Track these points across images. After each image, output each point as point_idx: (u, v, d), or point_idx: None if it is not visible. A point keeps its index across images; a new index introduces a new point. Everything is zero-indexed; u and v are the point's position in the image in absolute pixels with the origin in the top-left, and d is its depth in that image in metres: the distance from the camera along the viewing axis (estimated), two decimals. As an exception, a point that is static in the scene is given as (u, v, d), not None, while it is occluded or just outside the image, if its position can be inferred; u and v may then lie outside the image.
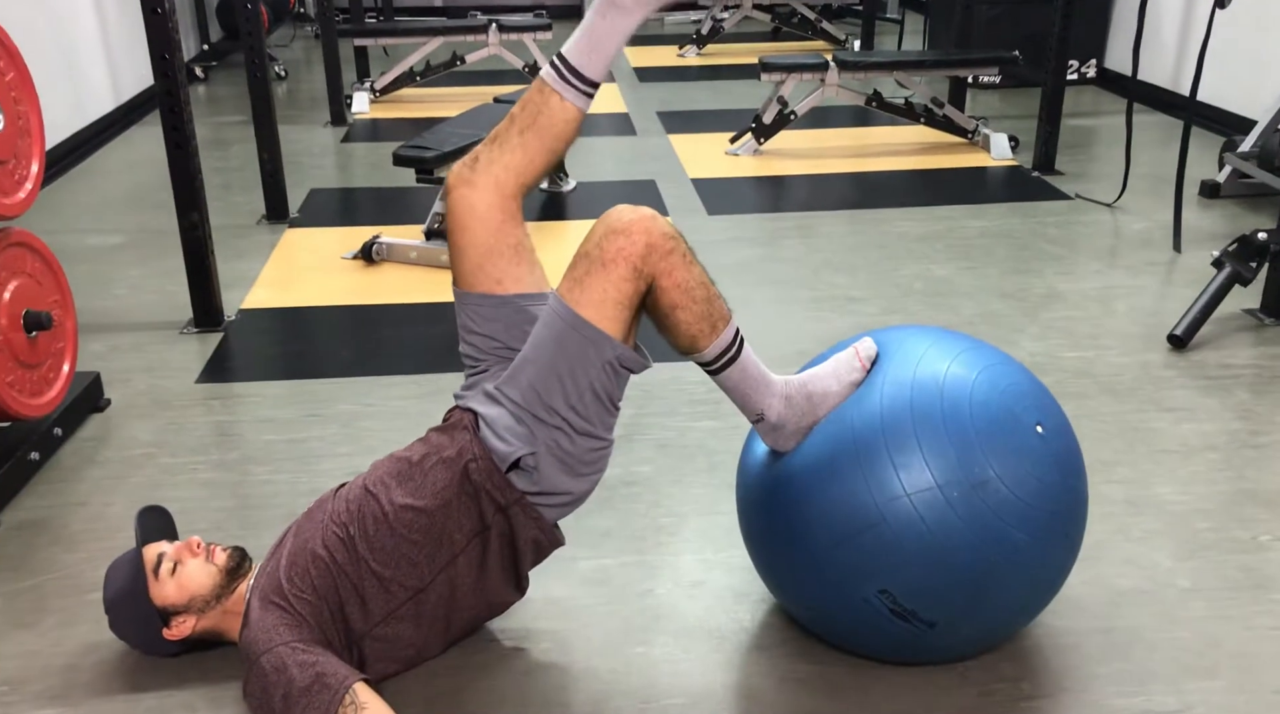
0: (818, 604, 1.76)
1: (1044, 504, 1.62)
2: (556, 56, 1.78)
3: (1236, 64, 4.83)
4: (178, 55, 2.88)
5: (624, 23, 1.75)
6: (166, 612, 1.74)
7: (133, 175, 4.68)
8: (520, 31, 5.91)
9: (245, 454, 2.50)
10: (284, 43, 7.64)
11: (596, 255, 1.62)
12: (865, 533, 1.61)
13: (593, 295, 1.61)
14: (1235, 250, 3.03)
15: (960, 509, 1.57)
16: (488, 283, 1.79)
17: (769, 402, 1.72)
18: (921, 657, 1.77)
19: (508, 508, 1.68)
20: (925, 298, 3.29)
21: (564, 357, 1.64)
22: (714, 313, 1.66)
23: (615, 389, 1.68)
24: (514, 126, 1.78)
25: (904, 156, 4.86)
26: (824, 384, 1.73)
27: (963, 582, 1.60)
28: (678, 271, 1.63)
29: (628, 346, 1.66)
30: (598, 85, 1.78)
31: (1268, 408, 2.62)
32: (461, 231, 1.79)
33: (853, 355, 1.75)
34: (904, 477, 1.59)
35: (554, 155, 1.81)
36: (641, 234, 1.61)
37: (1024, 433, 1.64)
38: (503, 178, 1.78)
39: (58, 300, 2.51)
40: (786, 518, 1.72)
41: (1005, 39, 5.60)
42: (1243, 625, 1.89)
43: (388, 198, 4.37)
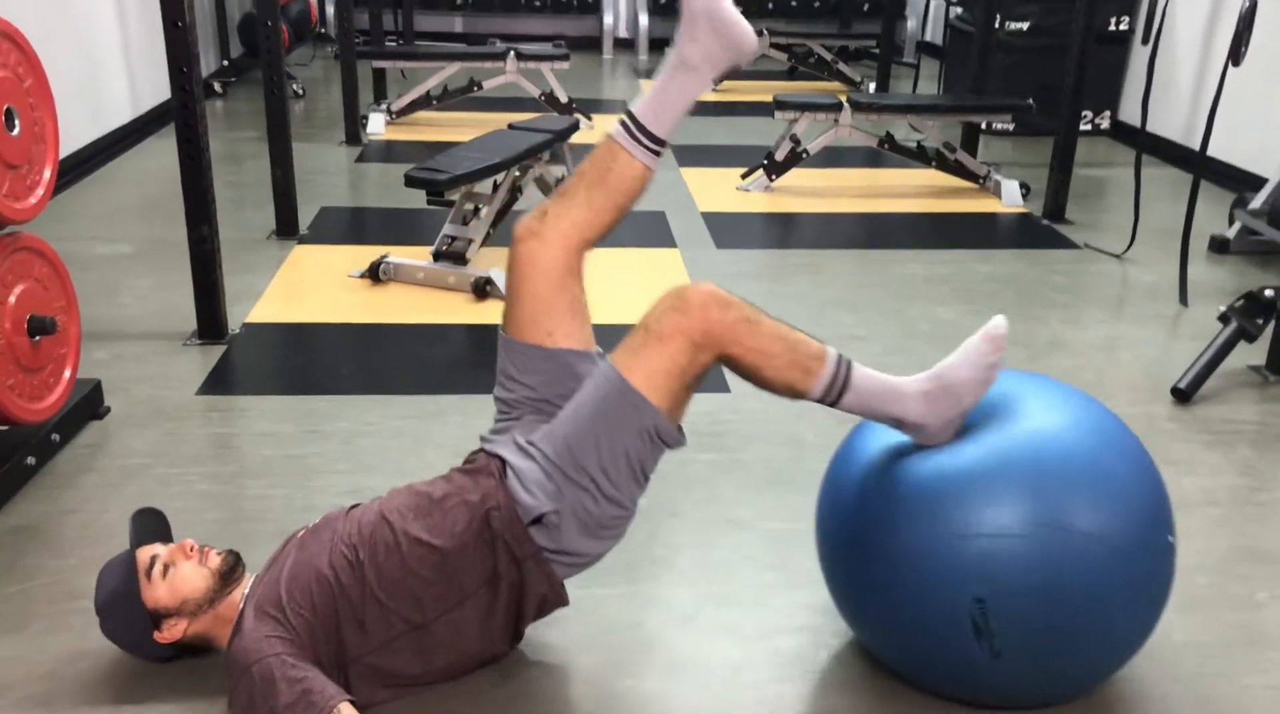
0: (900, 600, 1.69)
1: (1152, 601, 1.70)
2: (626, 114, 1.82)
3: (1249, 121, 4.85)
4: (196, 69, 2.91)
5: (694, 84, 1.80)
6: (158, 614, 1.73)
7: (146, 186, 4.71)
8: (538, 60, 5.96)
9: (242, 467, 2.49)
10: (304, 62, 7.70)
11: (655, 329, 1.65)
12: (994, 538, 1.60)
13: (645, 366, 1.64)
14: (1242, 306, 3.02)
15: (1093, 566, 1.60)
16: (538, 334, 1.81)
17: (903, 407, 1.71)
18: (961, 689, 1.74)
19: (523, 561, 1.69)
20: (930, 340, 3.29)
21: (605, 419, 1.65)
22: (801, 359, 1.67)
23: (648, 460, 1.70)
24: (582, 182, 1.82)
25: (914, 199, 4.88)
26: (962, 373, 1.71)
27: (1051, 628, 1.61)
28: (744, 338, 1.64)
29: (668, 420, 1.67)
30: (665, 144, 1.83)
31: (1270, 465, 2.61)
32: (523, 282, 1.81)
33: (984, 338, 1.72)
34: (1059, 508, 1.61)
35: (621, 212, 1.85)
36: (699, 310, 1.63)
37: (1162, 534, 1.69)
38: (570, 233, 1.81)
39: (63, 306, 2.52)
40: (911, 504, 1.67)
41: (1020, 87, 5.63)
42: (1237, 684, 1.87)
43: (398, 218, 4.39)
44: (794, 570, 2.14)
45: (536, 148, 3.89)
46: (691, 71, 1.79)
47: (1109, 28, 5.91)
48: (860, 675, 1.87)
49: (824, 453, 2.02)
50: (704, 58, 1.78)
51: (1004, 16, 5.87)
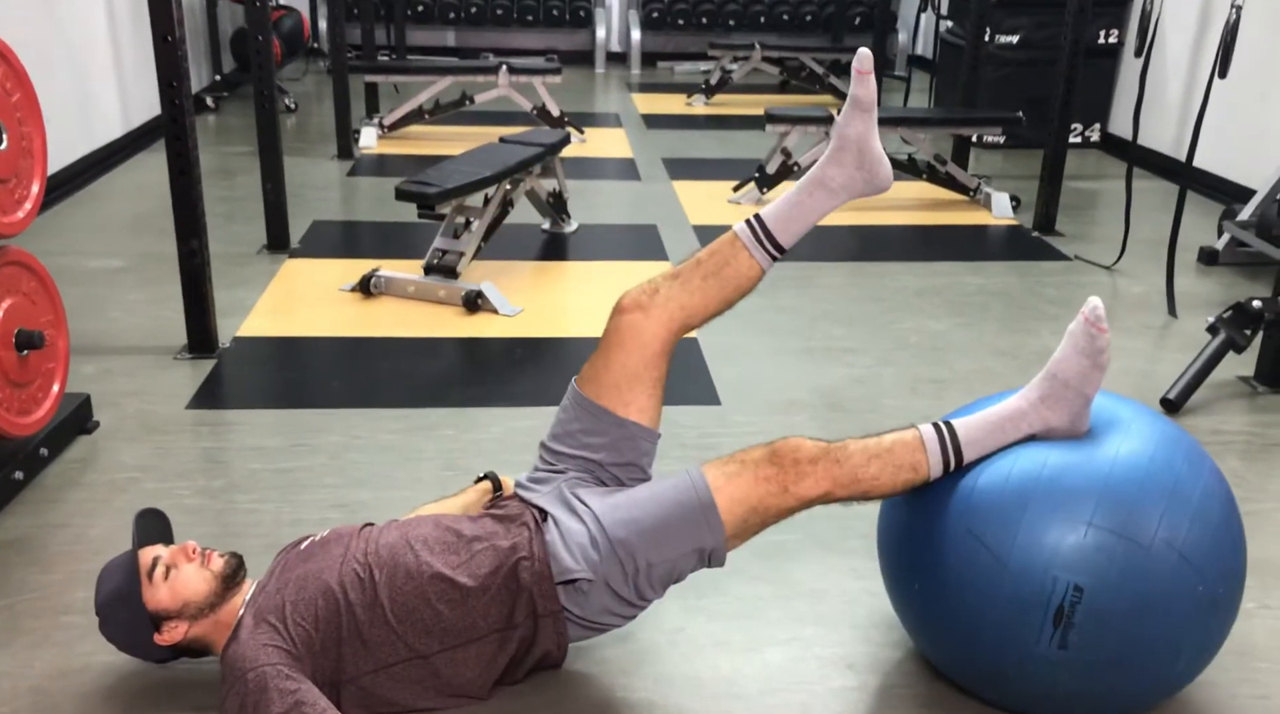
0: (997, 561, 1.65)
1: (1212, 650, 1.73)
2: (754, 217, 1.90)
3: (1237, 133, 4.88)
4: (185, 83, 2.91)
5: (827, 203, 1.90)
6: (159, 616, 1.72)
7: (137, 201, 4.71)
8: (530, 74, 5.98)
9: (231, 481, 2.48)
10: (296, 76, 7.72)
11: (750, 467, 1.69)
12: (1123, 539, 1.59)
13: (733, 490, 1.69)
14: (1230, 317, 3.03)
15: (1191, 603, 1.62)
16: (615, 401, 1.85)
17: (1027, 423, 1.72)
18: (1000, 679, 1.71)
19: (541, 617, 1.70)
20: (920, 352, 3.30)
21: (675, 522, 1.69)
22: (901, 461, 1.71)
23: (687, 572, 1.74)
24: (699, 270, 1.87)
25: (905, 212, 4.89)
26: (1074, 365, 1.71)
27: (1129, 647, 1.61)
28: (842, 477, 1.69)
29: (727, 548, 1.71)
30: (785, 252, 1.90)
31: (1259, 476, 2.61)
32: (619, 349, 1.85)
33: (1083, 323, 1.72)
34: (1171, 528, 1.61)
35: (726, 306, 1.91)
36: (791, 466, 1.68)
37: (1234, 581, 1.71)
38: (676, 315, 1.86)
39: (51, 320, 2.51)
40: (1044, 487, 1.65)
41: (1010, 100, 5.65)
42: (1226, 693, 1.86)
43: (389, 232, 4.40)
44: (783, 583, 2.14)
45: (528, 161, 3.90)
46: (829, 193, 1.89)
47: (1098, 41, 5.94)
48: (848, 687, 1.86)
49: (813, 464, 2.02)
50: (844, 184, 1.89)
51: (994, 30, 5.90)
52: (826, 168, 1.90)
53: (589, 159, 5.66)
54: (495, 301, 3.52)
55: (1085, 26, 4.36)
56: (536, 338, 3.36)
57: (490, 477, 2.03)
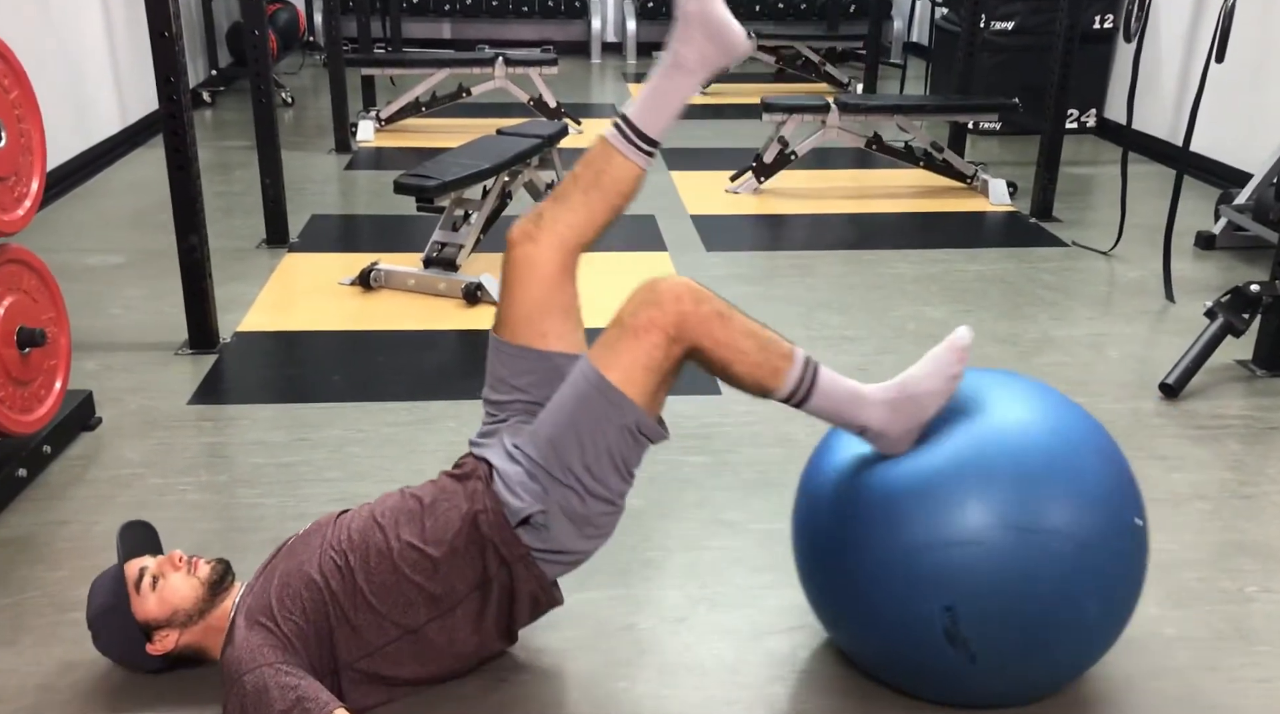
0: (871, 610, 1.71)
1: (1125, 589, 1.69)
2: (619, 116, 1.84)
3: (1233, 117, 4.87)
4: (183, 79, 2.91)
5: (686, 84, 1.83)
6: (149, 626, 1.73)
7: (135, 197, 4.70)
8: (526, 66, 5.97)
9: (234, 476, 2.49)
10: (292, 70, 7.70)
11: (629, 323, 1.64)
12: (958, 547, 1.60)
13: (621, 360, 1.64)
14: (1228, 301, 3.04)
15: (1055, 563, 1.60)
16: (532, 336, 1.81)
17: (868, 413, 1.71)
18: (941, 692, 1.75)
19: (512, 563, 1.69)
20: (919, 339, 3.30)
21: (585, 418, 1.65)
22: (771, 357, 1.67)
23: (632, 456, 1.70)
24: (577, 185, 1.83)
25: (902, 199, 4.89)
26: (927, 383, 1.72)
27: (1023, 630, 1.62)
28: (717, 331, 1.64)
29: (649, 415, 1.67)
30: (658, 144, 1.84)
31: (1258, 459, 2.62)
32: (518, 285, 1.82)
33: (949, 349, 1.73)
34: (1019, 509, 1.61)
35: (616, 213, 1.86)
36: (673, 304, 1.63)
37: (1128, 522, 1.69)
38: (565, 235, 1.82)
39: (52, 317, 2.52)
40: (876, 514, 1.68)
41: (1006, 86, 5.65)
42: (1228, 677, 1.88)
43: (388, 225, 4.40)
44: (786, 571, 2.14)
45: (525, 153, 3.90)
46: (685, 73, 1.81)
47: (1093, 26, 5.94)
48: (854, 675, 1.87)
49: (814, 453, 2.03)
50: (698, 60, 1.81)
51: (989, 16, 5.89)
52: (678, 48, 1.81)
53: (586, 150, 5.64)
54: (495, 293, 3.52)
55: (1081, 12, 4.35)
56: (536, 330, 3.36)
57: None
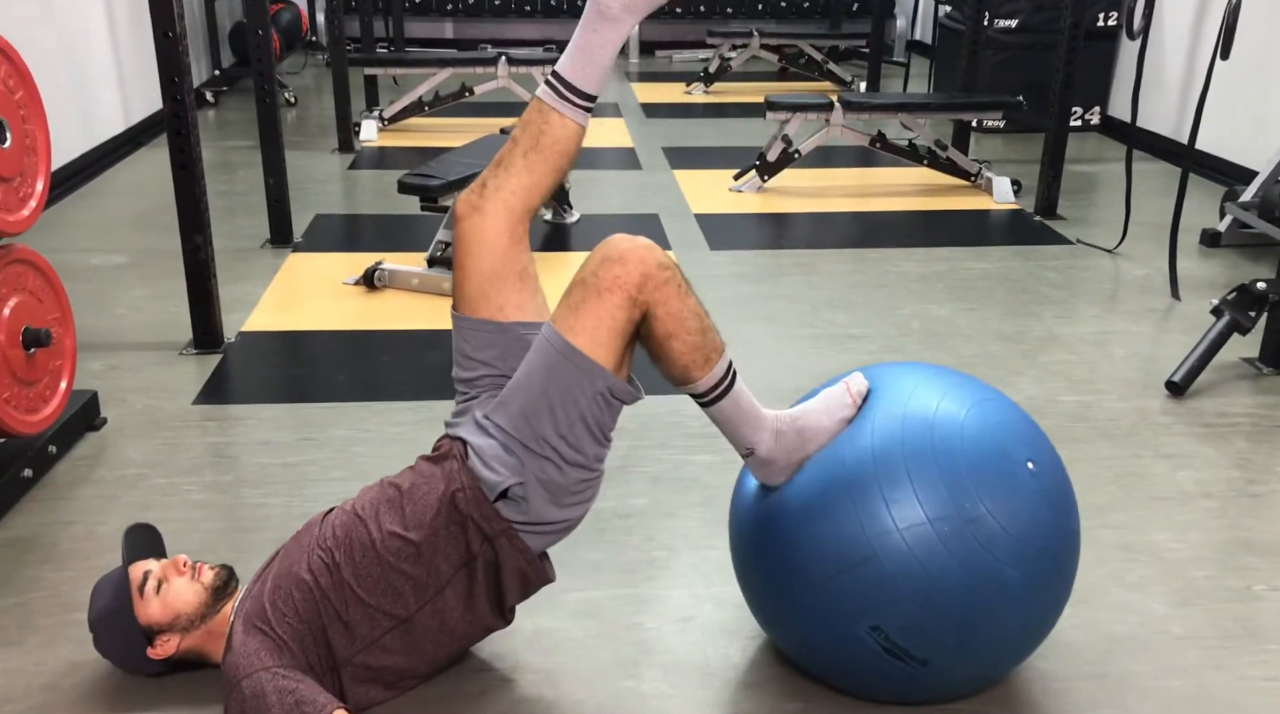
0: (810, 641, 1.75)
1: (1036, 540, 1.61)
2: (551, 74, 1.80)
3: (1238, 114, 4.86)
4: (187, 79, 2.91)
5: (613, 33, 1.77)
6: (151, 630, 1.73)
7: (140, 197, 4.71)
8: (529, 65, 5.96)
9: (239, 476, 2.49)
10: (295, 70, 7.70)
11: (592, 283, 1.62)
12: (857, 568, 1.60)
13: (586, 323, 1.61)
14: (1234, 299, 3.03)
15: (952, 545, 1.57)
16: (489, 308, 1.79)
17: (760, 436, 1.72)
18: (915, 697, 1.75)
19: (494, 538, 1.67)
20: (924, 338, 3.30)
21: (555, 385, 1.63)
22: (708, 345, 1.66)
23: (606, 420, 1.67)
24: (517, 149, 1.79)
25: (906, 197, 4.88)
26: (815, 419, 1.73)
27: (955, 619, 1.60)
28: (672, 301, 1.62)
29: (620, 377, 1.65)
30: (595, 99, 1.79)
31: (1265, 457, 2.62)
32: (468, 257, 1.79)
33: (844, 391, 1.75)
34: (895, 511, 1.59)
35: (560, 173, 1.82)
36: (637, 263, 1.61)
37: (1015, 469, 1.64)
38: (511, 202, 1.78)
39: (58, 318, 2.52)
40: (779, 552, 1.71)
41: (1010, 84, 5.64)
42: (1236, 676, 1.87)
43: (392, 225, 4.40)
44: (792, 570, 2.15)
45: (529, 152, 3.89)
46: (611, 21, 1.77)
47: (1097, 23, 5.92)
48: (860, 674, 1.87)
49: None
50: (622, 6, 1.76)
51: (992, 14, 5.88)
52: None
53: (589, 149, 5.63)
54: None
55: (1085, 10, 4.34)
56: (540, 329, 3.36)
57: None
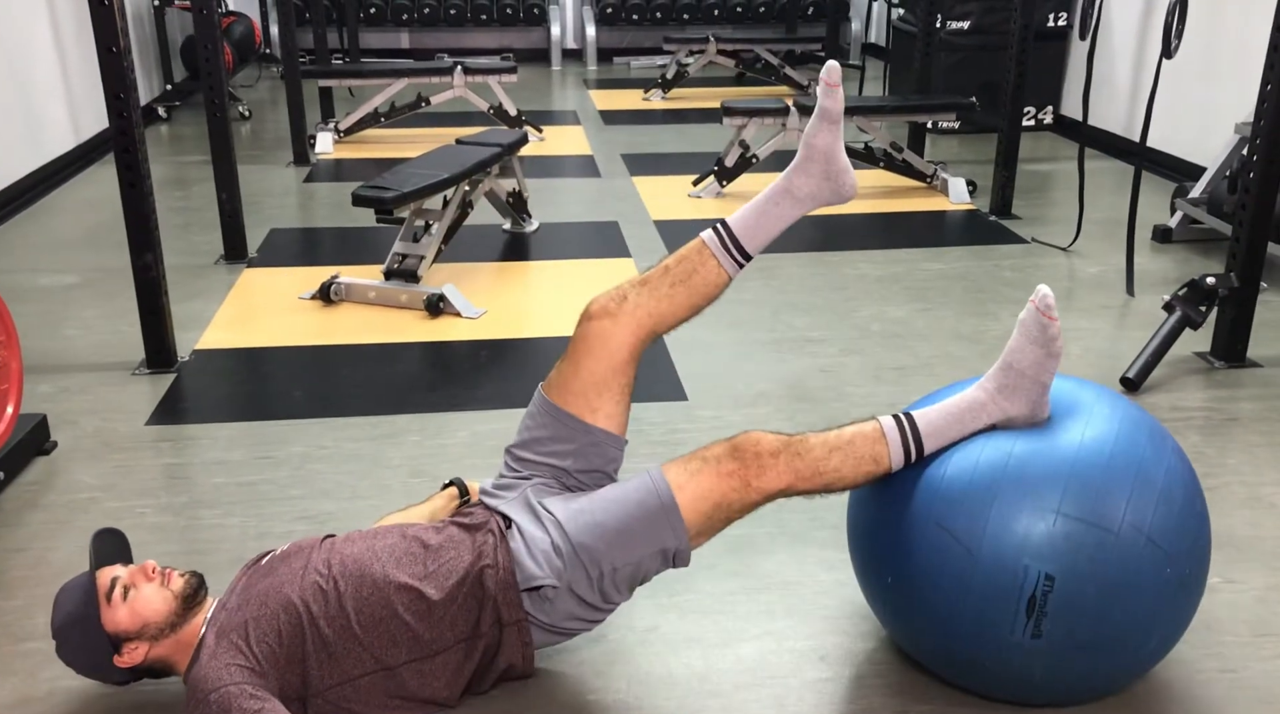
0: (968, 551, 1.65)
1: (1179, 633, 1.76)
2: (721, 224, 1.91)
3: (1186, 112, 4.94)
4: (133, 94, 2.87)
5: (793, 211, 1.94)
6: (118, 638, 1.69)
7: (90, 215, 4.64)
8: (485, 74, 5.95)
9: (194, 497, 2.45)
10: (249, 83, 7.63)
11: (712, 464, 1.70)
12: (1093, 527, 1.61)
13: (695, 489, 1.69)
14: (1185, 294, 3.07)
15: (1162, 589, 1.64)
16: (582, 408, 1.85)
17: (987, 415, 1.73)
18: (973, 657, 1.70)
19: (506, 625, 1.69)
20: (883, 339, 3.31)
21: (637, 525, 1.69)
22: (862, 452, 1.72)
23: (651, 573, 1.74)
24: (667, 277, 1.89)
25: (863, 200, 4.91)
26: (1029, 354, 1.71)
27: (1101, 633, 1.62)
28: (803, 470, 1.69)
29: (690, 547, 1.72)
30: (751, 259, 1.93)
31: (1218, 451, 2.65)
32: (588, 355, 1.85)
33: (1035, 313, 1.72)
34: (1159, 527, 1.63)
35: (694, 311, 1.92)
36: (754, 459, 1.68)
37: (1202, 569, 1.74)
38: (644, 322, 1.86)
39: (2, 341, 2.47)
40: (1009, 478, 1.66)
41: (963, 85, 5.70)
42: (1193, 668, 1.89)
43: (348, 238, 4.36)
44: (754, 576, 2.15)
45: (486, 162, 3.88)
46: (795, 202, 1.93)
47: (1048, 24, 6.00)
48: (824, 678, 1.87)
49: (779, 458, 2.02)
50: (811, 193, 1.93)
51: (945, 16, 5.94)
52: (794, 178, 1.93)
53: (548, 157, 5.64)
54: (458, 304, 3.51)
55: (1035, 11, 4.39)
56: (501, 340, 3.35)
57: (456, 483, 2.02)
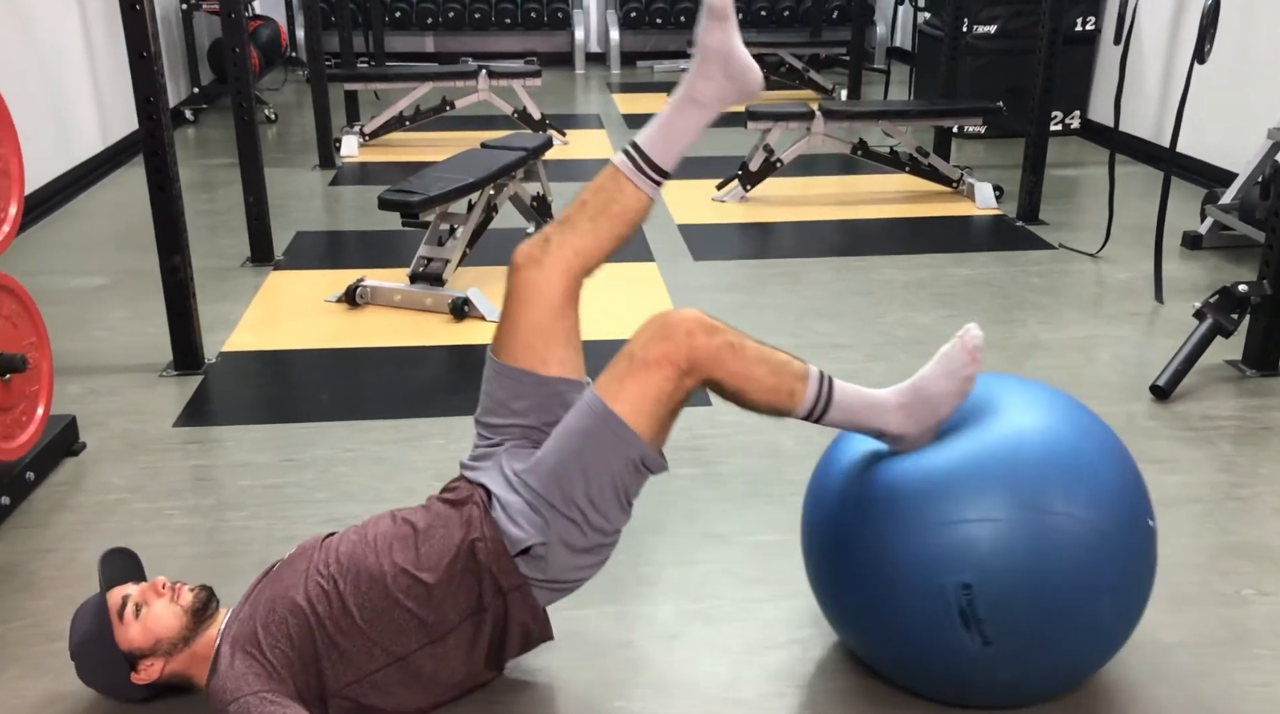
0: (887, 594, 1.68)
1: (1138, 587, 1.71)
2: (631, 145, 1.84)
3: (1217, 117, 4.89)
4: (162, 98, 2.89)
5: (701, 119, 1.84)
6: (133, 655, 1.70)
7: (118, 217, 4.67)
8: (510, 78, 5.96)
9: (221, 499, 2.47)
10: (275, 86, 7.68)
11: (640, 357, 1.64)
12: (983, 523, 1.60)
13: (630, 394, 1.64)
14: (1216, 302, 3.04)
15: (1075, 546, 1.60)
16: (533, 361, 1.81)
17: (884, 419, 1.72)
18: (947, 684, 1.72)
19: (508, 593, 1.68)
20: (908, 346, 3.29)
21: (590, 450, 1.65)
22: (785, 381, 1.68)
23: (633, 488, 1.70)
24: (585, 211, 1.83)
25: (889, 205, 4.89)
26: (939, 385, 1.72)
27: (1040, 614, 1.60)
28: (729, 363, 1.64)
29: (654, 448, 1.68)
30: (669, 176, 1.84)
31: (1250, 460, 2.62)
32: (521, 308, 1.81)
33: (960, 348, 1.72)
34: (1040, 493, 1.62)
35: (622, 241, 1.86)
36: (685, 338, 1.63)
37: (1142, 518, 1.70)
38: (572, 261, 1.82)
39: (34, 342, 2.49)
40: (897, 496, 1.68)
41: (990, 90, 5.66)
42: (1226, 682, 1.86)
43: (374, 241, 4.38)
44: (779, 583, 2.13)
45: (510, 166, 3.89)
46: (700, 107, 1.83)
47: (1075, 28, 5.95)
48: (851, 688, 1.86)
49: (804, 464, 2.01)
50: (715, 96, 1.83)
51: (971, 20, 5.91)
52: (695, 83, 1.82)
53: (572, 161, 5.65)
54: (482, 308, 3.51)
55: (1063, 15, 4.36)
56: (524, 343, 3.34)
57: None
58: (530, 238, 1.84)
